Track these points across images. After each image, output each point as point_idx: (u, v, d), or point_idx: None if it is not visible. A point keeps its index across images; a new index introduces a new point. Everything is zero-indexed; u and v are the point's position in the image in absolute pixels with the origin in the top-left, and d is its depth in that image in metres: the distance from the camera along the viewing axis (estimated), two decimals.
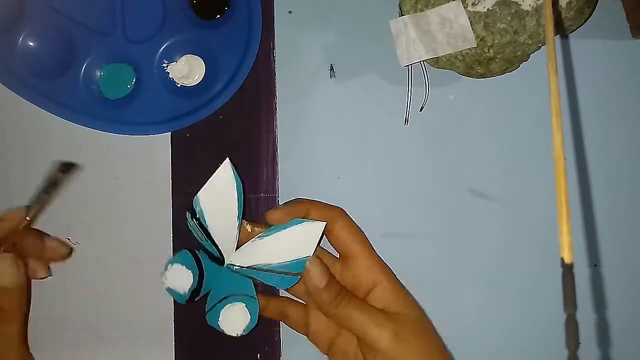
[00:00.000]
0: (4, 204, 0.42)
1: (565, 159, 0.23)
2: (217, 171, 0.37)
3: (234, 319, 0.37)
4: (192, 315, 0.42)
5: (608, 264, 0.41)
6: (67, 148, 0.42)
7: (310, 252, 0.36)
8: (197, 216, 0.37)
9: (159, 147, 0.42)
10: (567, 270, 0.21)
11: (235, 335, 0.37)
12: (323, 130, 0.43)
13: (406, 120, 0.42)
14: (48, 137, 0.42)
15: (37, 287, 0.41)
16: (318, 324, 0.38)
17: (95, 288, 0.42)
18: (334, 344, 0.38)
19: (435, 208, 0.42)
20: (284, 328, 0.42)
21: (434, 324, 0.40)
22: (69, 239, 0.42)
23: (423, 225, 0.42)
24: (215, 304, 0.37)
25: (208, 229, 0.37)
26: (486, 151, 0.42)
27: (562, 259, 0.21)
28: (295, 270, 0.36)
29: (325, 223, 0.36)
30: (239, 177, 0.37)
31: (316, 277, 0.35)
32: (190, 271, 0.36)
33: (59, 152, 0.42)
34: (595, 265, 0.41)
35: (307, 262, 0.35)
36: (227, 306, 0.37)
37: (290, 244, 0.36)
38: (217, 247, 0.37)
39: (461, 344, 0.41)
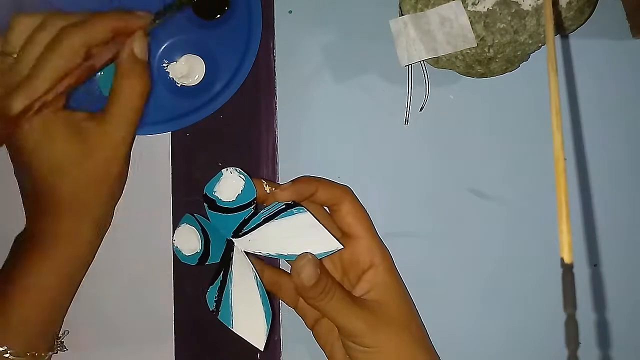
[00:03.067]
0: (3, 204, 0.42)
1: (565, 159, 0.23)
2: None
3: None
4: (192, 315, 0.42)
5: (608, 264, 0.41)
6: None
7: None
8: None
9: (159, 147, 0.42)
10: (567, 270, 0.21)
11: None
12: (323, 130, 0.43)
13: (406, 120, 0.42)
14: None
15: None
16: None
17: (95, 288, 0.42)
18: (318, 323, 0.39)
19: (436, 208, 0.42)
20: (284, 328, 0.42)
21: (434, 324, 0.40)
22: None
23: (423, 225, 0.42)
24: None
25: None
26: (486, 151, 0.42)
27: (562, 259, 0.21)
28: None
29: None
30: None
31: (307, 278, 0.34)
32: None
33: None
34: (595, 265, 0.41)
35: (300, 259, 0.35)
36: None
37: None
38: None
39: (461, 343, 0.41)
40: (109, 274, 0.42)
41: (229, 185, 0.37)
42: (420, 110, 0.42)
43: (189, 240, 0.38)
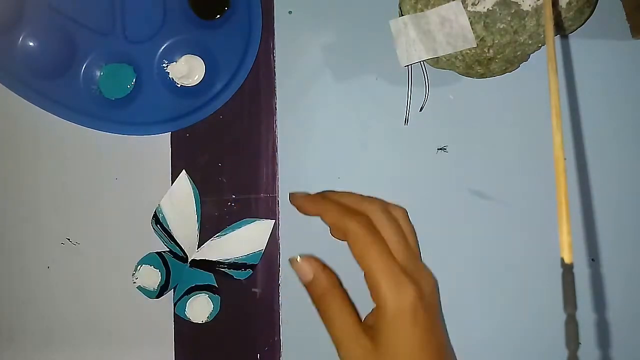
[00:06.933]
0: (2, 204, 0.42)
1: (565, 159, 0.23)
2: (175, 182, 0.41)
3: (199, 308, 0.41)
4: None
5: (608, 263, 0.41)
6: (67, 148, 0.42)
7: (262, 245, 0.41)
8: (161, 222, 0.41)
9: (159, 147, 0.42)
10: (567, 271, 0.21)
11: (201, 322, 0.41)
12: (323, 130, 0.43)
13: (406, 120, 0.42)
14: (48, 137, 0.42)
15: (36, 287, 0.41)
16: None
17: (95, 288, 0.42)
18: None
19: (435, 208, 0.42)
20: (284, 328, 0.42)
21: None
22: (68, 239, 0.42)
23: (423, 226, 0.42)
24: (182, 296, 0.41)
25: (171, 233, 0.41)
26: (486, 151, 0.42)
27: (562, 259, 0.21)
28: (250, 262, 0.41)
29: (273, 221, 0.41)
30: (196, 186, 0.42)
31: (302, 274, 0.37)
32: (157, 270, 0.40)
33: (59, 152, 0.42)
34: (593, 260, 0.41)
35: (297, 257, 0.38)
36: (192, 298, 0.41)
37: (244, 240, 0.41)
38: (181, 247, 0.41)
39: (460, 343, 0.41)
40: (108, 274, 0.42)
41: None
42: (420, 110, 0.42)
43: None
